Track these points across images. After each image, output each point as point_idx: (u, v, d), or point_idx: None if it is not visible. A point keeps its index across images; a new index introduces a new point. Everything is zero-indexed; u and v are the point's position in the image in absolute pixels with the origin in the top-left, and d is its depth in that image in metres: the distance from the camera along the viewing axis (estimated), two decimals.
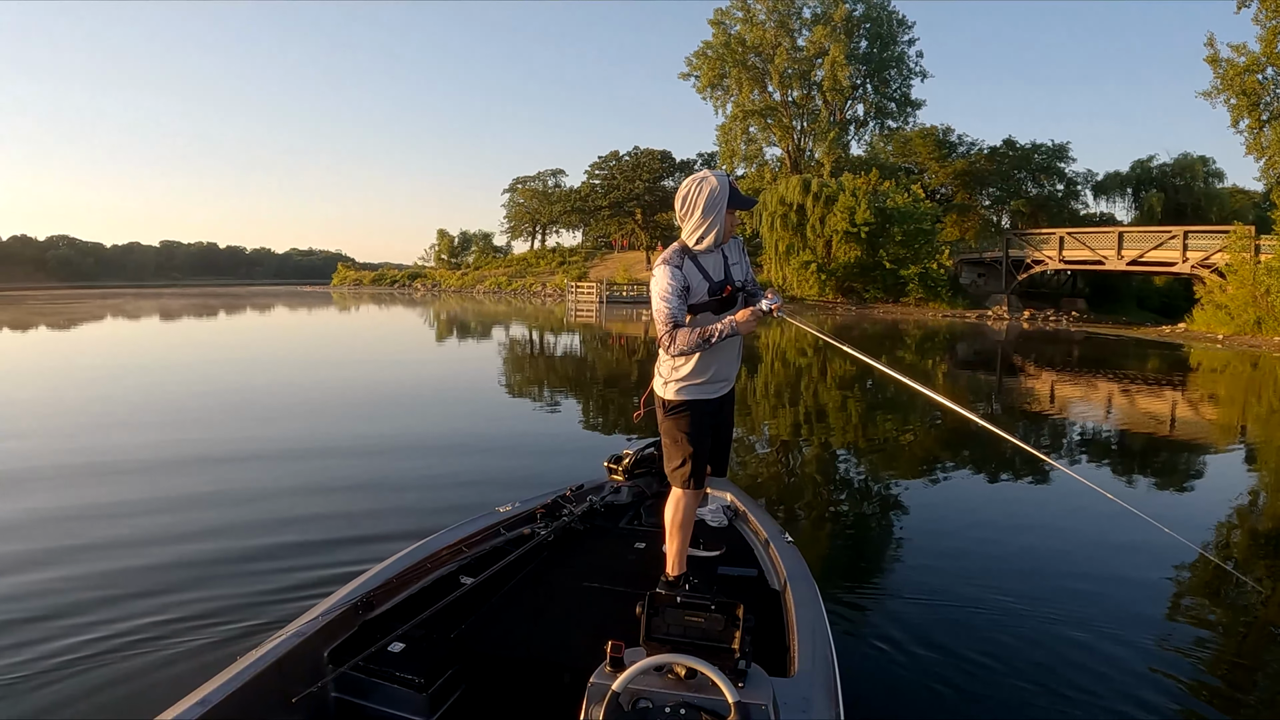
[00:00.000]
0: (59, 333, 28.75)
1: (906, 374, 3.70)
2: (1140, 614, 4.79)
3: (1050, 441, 10.75)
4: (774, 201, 47.21)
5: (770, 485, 7.93)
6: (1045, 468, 8.67)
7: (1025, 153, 59.14)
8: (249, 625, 4.25)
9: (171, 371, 16.90)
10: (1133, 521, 6.66)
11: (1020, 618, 4.67)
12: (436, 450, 8.98)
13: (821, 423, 11.88)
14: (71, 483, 7.39)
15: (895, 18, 57.73)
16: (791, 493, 7.77)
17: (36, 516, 6.35)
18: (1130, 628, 4.51)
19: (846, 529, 6.80)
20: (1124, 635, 4.39)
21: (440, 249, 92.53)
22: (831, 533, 6.62)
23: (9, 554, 5.49)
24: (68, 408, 11.70)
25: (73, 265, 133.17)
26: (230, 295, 66.90)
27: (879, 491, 8.05)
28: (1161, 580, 5.47)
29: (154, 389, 13.84)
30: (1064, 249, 40.48)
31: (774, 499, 7.29)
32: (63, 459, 8.27)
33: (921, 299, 44.16)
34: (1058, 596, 5.00)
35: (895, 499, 7.66)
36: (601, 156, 75.87)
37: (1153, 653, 4.24)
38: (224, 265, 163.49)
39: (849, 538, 6.56)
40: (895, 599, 5.05)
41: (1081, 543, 6.22)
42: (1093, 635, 4.39)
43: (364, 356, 21.33)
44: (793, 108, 59.65)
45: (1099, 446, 10.43)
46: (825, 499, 7.69)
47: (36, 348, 23.54)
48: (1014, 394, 15.74)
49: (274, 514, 6.38)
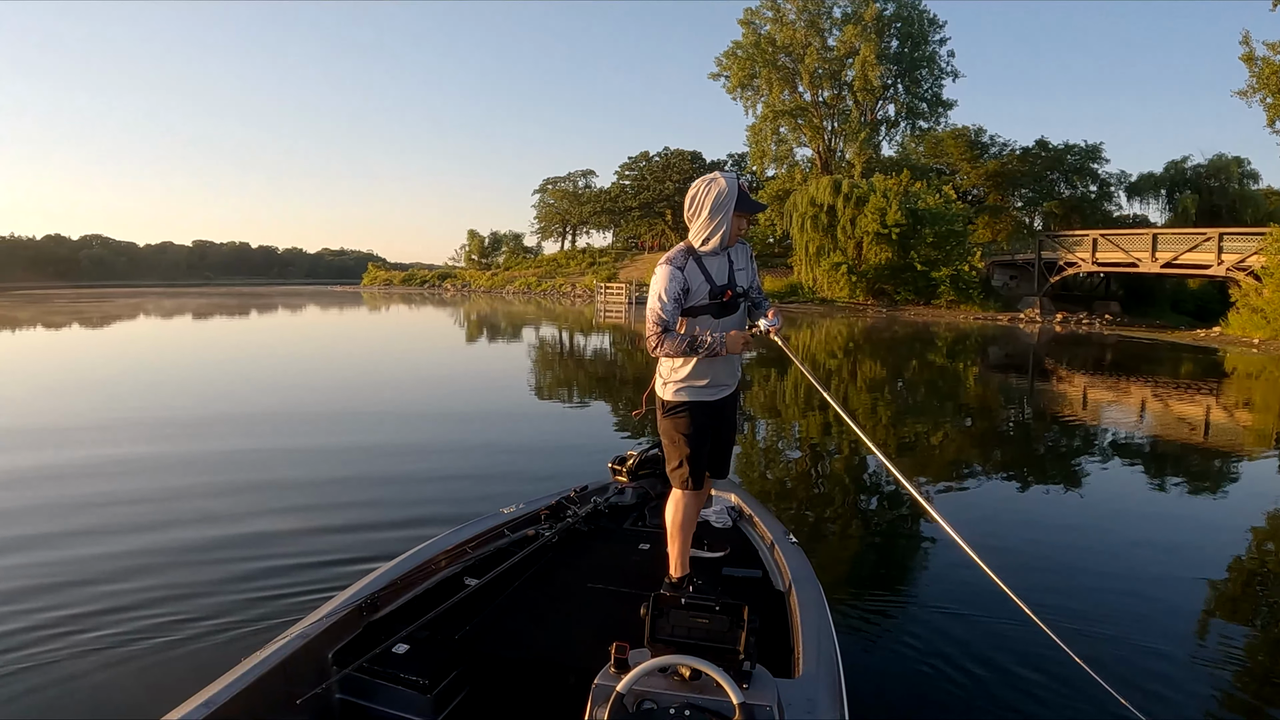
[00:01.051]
0: (60, 334, 29.25)
1: (849, 413, 3.70)
2: (1168, 620, 4.79)
3: (1081, 445, 10.79)
4: (804, 203, 47.09)
5: (774, 486, 8.00)
6: (1055, 472, 8.73)
7: (1058, 153, 58.53)
8: (251, 625, 4.36)
9: (180, 371, 17.32)
10: (1159, 533, 6.79)
11: (1026, 623, 4.67)
12: (441, 451, 9.26)
13: (830, 424, 11.92)
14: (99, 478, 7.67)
15: (926, 17, 57.27)
16: (795, 493, 7.88)
17: (44, 514, 6.53)
18: (1149, 635, 4.52)
19: (851, 530, 6.85)
20: (1137, 643, 4.41)
21: (470, 249, 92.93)
22: (836, 534, 6.68)
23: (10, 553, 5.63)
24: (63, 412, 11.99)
25: (105, 264, 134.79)
26: (253, 295, 67.44)
27: (884, 493, 8.14)
28: (1184, 590, 5.46)
29: (162, 387, 14.30)
30: (1097, 251, 40.13)
31: (777, 499, 7.38)
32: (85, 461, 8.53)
33: (953, 301, 43.86)
34: (1065, 601, 5.02)
35: (901, 501, 7.75)
36: (631, 157, 76.27)
37: (1174, 663, 4.25)
38: (257, 265, 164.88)
39: (853, 539, 6.61)
40: (900, 601, 5.13)
41: (1094, 549, 6.25)
42: (1098, 640, 4.42)
43: (383, 358, 21.64)
44: (823, 108, 59.43)
45: (1130, 451, 10.46)
46: (829, 500, 7.79)
47: (58, 350, 23.98)
48: (1046, 398, 15.72)
49: (270, 514, 6.51)
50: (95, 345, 25.03)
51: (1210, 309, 41.04)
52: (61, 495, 7.10)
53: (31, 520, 6.36)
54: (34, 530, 6.10)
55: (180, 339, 27.41)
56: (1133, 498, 8.13)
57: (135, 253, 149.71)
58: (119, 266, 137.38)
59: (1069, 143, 58.58)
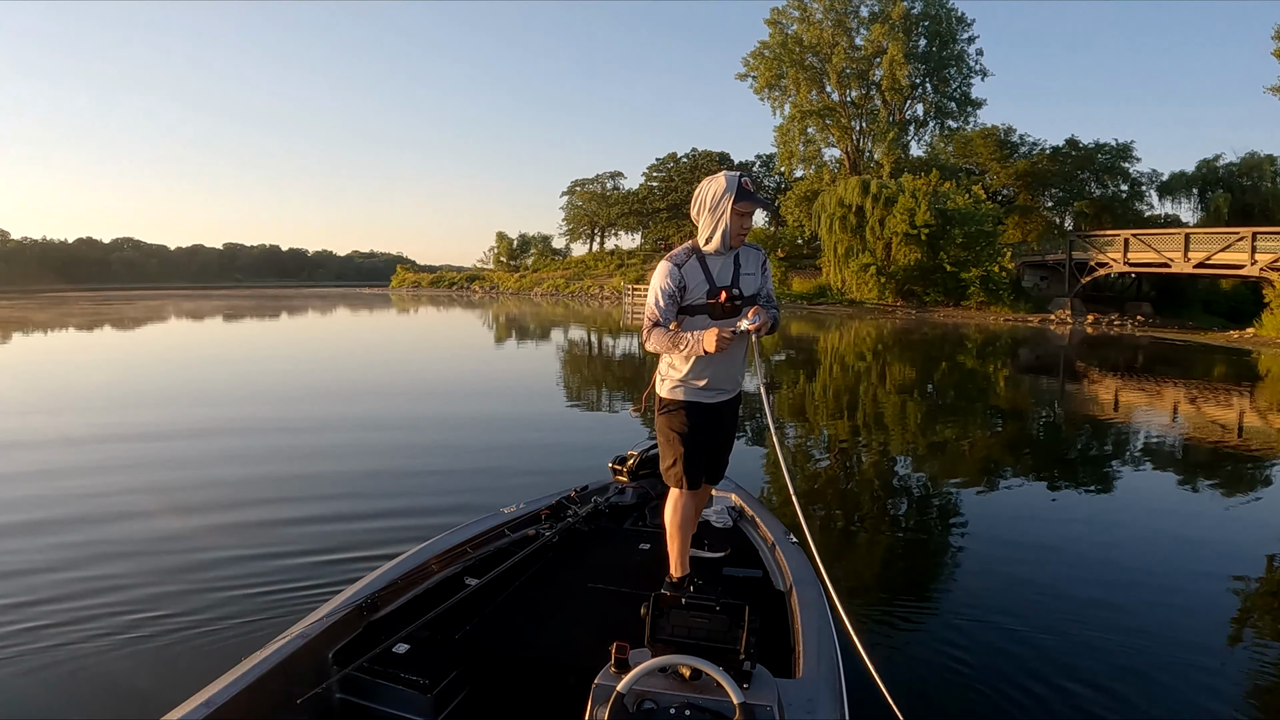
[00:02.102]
0: (87, 335, 29.71)
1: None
2: (1166, 631, 4.78)
3: (1113, 449, 10.81)
4: (833, 203, 46.99)
5: (775, 486, 8.03)
6: (1085, 475, 8.78)
7: (1088, 152, 57.96)
8: (252, 625, 4.45)
9: (165, 375, 17.68)
10: (1192, 537, 6.82)
11: (1029, 625, 4.76)
12: (449, 449, 9.57)
13: (838, 424, 12.07)
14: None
15: (954, 15, 57.11)
16: (800, 494, 7.92)
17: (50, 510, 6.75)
18: (1147, 644, 4.54)
19: (852, 531, 6.90)
20: (1138, 650, 4.44)
21: (499, 251, 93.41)
22: (837, 535, 6.73)
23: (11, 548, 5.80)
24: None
25: (136, 267, 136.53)
26: (276, 297, 68.08)
27: (886, 494, 8.22)
28: (1220, 598, 5.39)
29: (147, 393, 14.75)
30: (1129, 251, 39.75)
31: (779, 500, 7.42)
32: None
33: (983, 302, 43.57)
34: (1069, 606, 5.07)
35: (902, 501, 7.85)
36: (659, 158, 76.43)
37: (1209, 672, 4.24)
38: (287, 267, 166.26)
39: (854, 540, 6.66)
40: (901, 602, 5.19)
41: (1103, 556, 6.28)
42: (1103, 645, 4.47)
43: (401, 359, 22.08)
44: (851, 108, 59.37)
45: (1163, 454, 10.48)
46: (831, 500, 7.88)
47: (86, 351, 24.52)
48: (1077, 401, 15.73)
49: (266, 516, 6.63)
50: (102, 347, 25.61)
51: (1243, 310, 40.52)
52: (64, 490, 7.38)
53: (31, 520, 6.53)
54: (33, 527, 6.30)
55: (173, 342, 27.94)
56: (1164, 501, 8.23)
57: (166, 255, 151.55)
58: (150, 269, 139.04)
59: (1099, 141, 58.07)
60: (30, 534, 6.15)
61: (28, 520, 6.50)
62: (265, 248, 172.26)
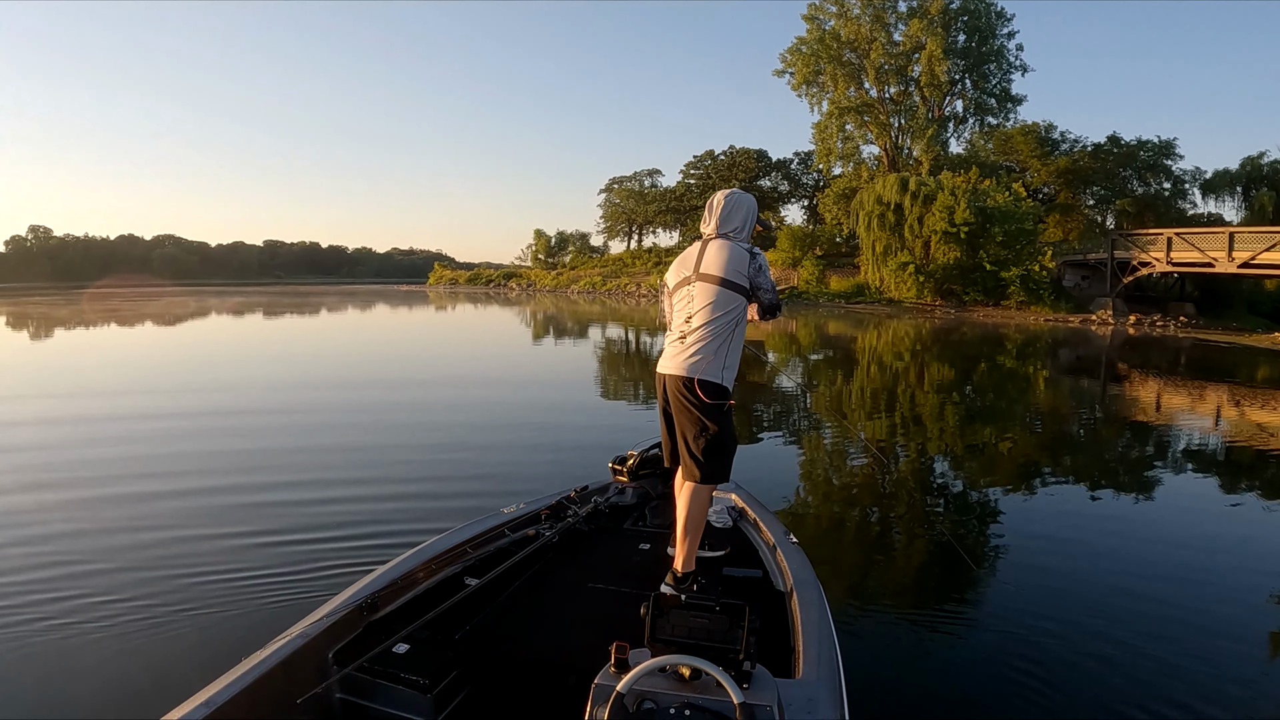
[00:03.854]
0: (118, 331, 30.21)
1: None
2: (1171, 638, 4.71)
3: (1154, 451, 10.81)
4: (871, 201, 46.86)
5: (778, 486, 8.05)
6: (1127, 479, 8.81)
7: (1130, 150, 57.32)
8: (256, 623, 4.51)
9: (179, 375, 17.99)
10: (1236, 542, 6.84)
11: (1026, 625, 4.79)
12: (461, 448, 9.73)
13: (840, 423, 12.22)
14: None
15: (994, 10, 56.43)
16: (799, 494, 8.05)
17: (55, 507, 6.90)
18: (1150, 648, 4.54)
19: (853, 532, 6.93)
20: (1138, 653, 4.47)
21: (537, 249, 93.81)
22: (837, 535, 6.79)
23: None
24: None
25: (178, 263, 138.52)
26: (308, 294, 68.96)
27: (886, 495, 8.26)
28: (1235, 616, 5.23)
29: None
30: (1171, 250, 39.23)
31: (781, 500, 7.46)
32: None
33: (1023, 302, 43.15)
34: (1070, 607, 5.11)
35: (903, 504, 7.86)
36: (696, 156, 76.58)
37: (1177, 679, 4.23)
38: (326, 264, 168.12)
39: (855, 540, 6.70)
40: (901, 603, 5.25)
41: (1104, 556, 6.32)
42: (1104, 645, 4.51)
43: (424, 357, 22.43)
44: (889, 104, 59.02)
45: (1205, 458, 10.46)
46: (832, 500, 7.97)
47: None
48: (1119, 403, 15.71)
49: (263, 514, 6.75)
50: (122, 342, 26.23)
51: None
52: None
53: (27, 515, 6.71)
54: (30, 526, 6.42)
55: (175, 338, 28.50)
56: (1208, 507, 8.19)
57: (207, 252, 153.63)
58: (191, 265, 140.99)
59: (1141, 138, 57.49)
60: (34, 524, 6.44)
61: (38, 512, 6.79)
62: (305, 245, 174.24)
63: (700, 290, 3.81)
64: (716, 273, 3.78)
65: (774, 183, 76.16)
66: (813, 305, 48.74)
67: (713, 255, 3.83)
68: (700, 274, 3.83)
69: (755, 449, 9.99)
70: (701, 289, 3.81)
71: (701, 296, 3.80)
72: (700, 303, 3.80)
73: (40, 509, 6.87)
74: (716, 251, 3.82)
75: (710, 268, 3.80)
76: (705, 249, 3.89)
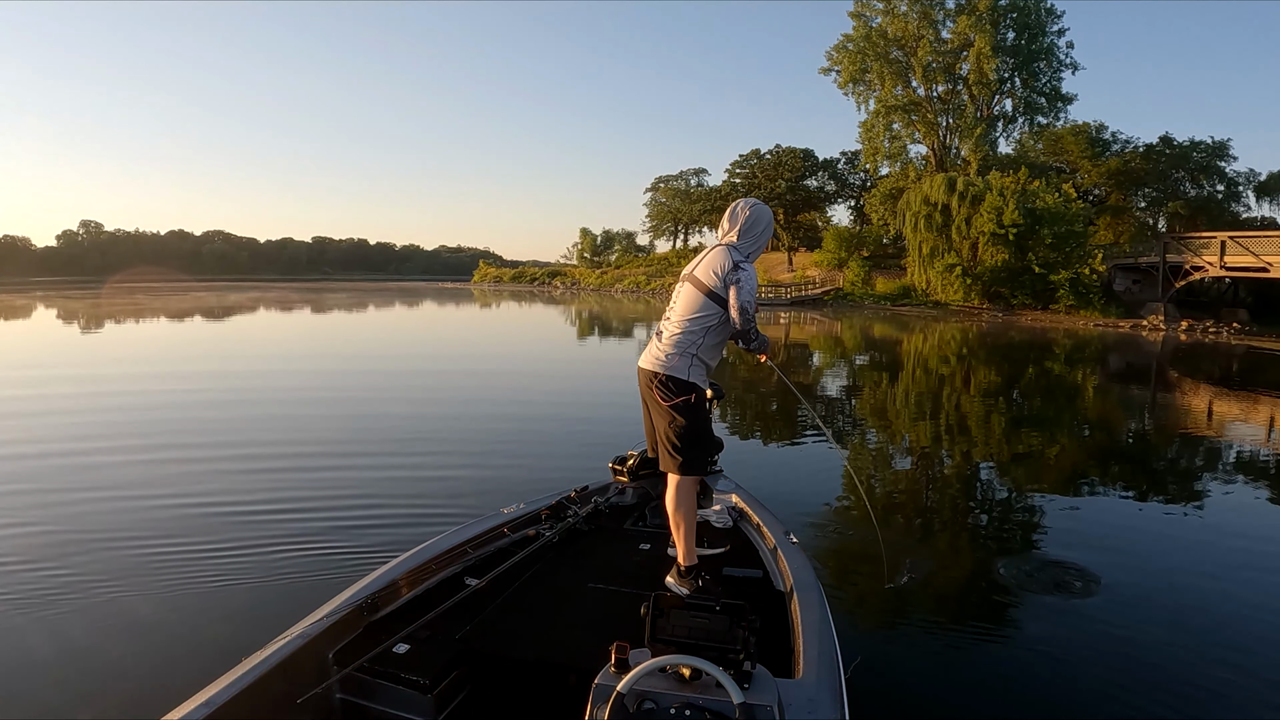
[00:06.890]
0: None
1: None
2: (1180, 646, 4.72)
3: (1204, 463, 10.67)
4: (918, 201, 46.54)
5: (776, 486, 8.10)
6: (1176, 490, 8.74)
7: (1183, 151, 56.12)
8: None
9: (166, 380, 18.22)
10: (1214, 564, 6.73)
11: (1025, 625, 4.87)
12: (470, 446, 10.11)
13: (841, 422, 12.35)
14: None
15: (1044, 7, 55.69)
16: (798, 493, 8.04)
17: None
18: (1153, 654, 4.55)
19: (853, 532, 6.94)
20: (1140, 655, 4.49)
21: (583, 247, 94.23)
22: (837, 535, 6.83)
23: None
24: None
25: (227, 259, 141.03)
26: (364, 290, 69.75)
27: (885, 496, 8.27)
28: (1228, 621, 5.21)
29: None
30: (1225, 255, 38.38)
31: (780, 499, 7.47)
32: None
33: (1072, 306, 42.57)
34: (1075, 610, 5.13)
35: (903, 503, 7.91)
36: (742, 155, 76.30)
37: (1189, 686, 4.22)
38: (374, 261, 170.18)
39: (855, 541, 6.70)
40: (902, 604, 5.27)
41: (1107, 558, 6.27)
42: (1104, 647, 4.52)
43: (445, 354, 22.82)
44: (937, 103, 58.59)
45: (1257, 469, 10.29)
46: (832, 500, 7.98)
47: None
48: (1168, 411, 15.45)
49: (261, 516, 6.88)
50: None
51: None
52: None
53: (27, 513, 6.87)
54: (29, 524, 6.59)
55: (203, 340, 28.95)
56: (1262, 519, 8.13)
57: (256, 248, 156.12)
58: (240, 261, 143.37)
59: (1194, 139, 56.24)
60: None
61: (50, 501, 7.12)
62: (353, 241, 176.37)
63: (684, 292, 3.97)
64: (702, 278, 3.89)
65: (820, 182, 75.65)
66: (858, 307, 48.52)
67: (706, 261, 3.94)
68: (690, 276, 3.98)
69: (755, 449, 10.21)
70: (686, 290, 3.96)
71: (684, 298, 3.95)
72: (681, 303, 3.95)
73: (43, 506, 7.10)
74: (712, 258, 3.92)
75: (699, 272, 3.93)
76: (707, 253, 4.00)
